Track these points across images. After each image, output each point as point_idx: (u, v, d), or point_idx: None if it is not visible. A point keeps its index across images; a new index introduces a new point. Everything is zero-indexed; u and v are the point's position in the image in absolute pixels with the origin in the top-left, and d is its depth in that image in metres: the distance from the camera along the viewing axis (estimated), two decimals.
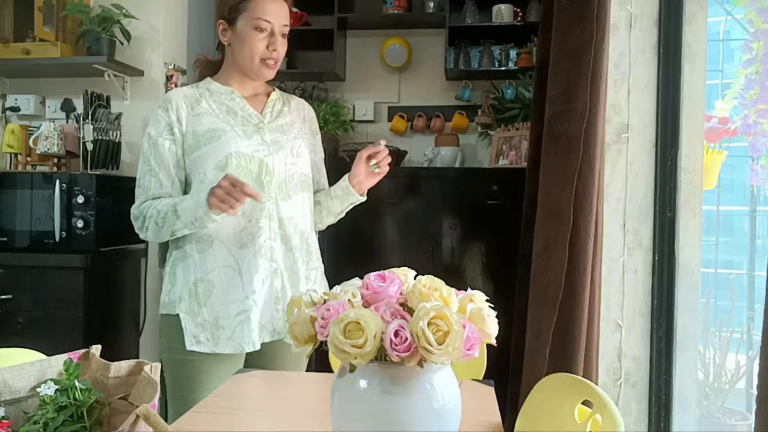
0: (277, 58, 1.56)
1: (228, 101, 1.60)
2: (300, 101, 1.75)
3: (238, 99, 1.60)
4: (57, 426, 0.77)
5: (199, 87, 1.64)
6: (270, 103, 1.65)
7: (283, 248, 1.54)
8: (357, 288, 0.82)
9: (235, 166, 1.50)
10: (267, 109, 1.63)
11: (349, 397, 0.79)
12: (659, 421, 2.07)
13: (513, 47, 3.08)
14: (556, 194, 1.89)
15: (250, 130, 1.56)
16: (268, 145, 1.56)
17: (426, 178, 2.84)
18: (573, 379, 1.03)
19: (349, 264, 2.79)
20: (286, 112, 1.67)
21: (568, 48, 1.89)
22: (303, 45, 3.24)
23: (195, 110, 1.57)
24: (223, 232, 1.51)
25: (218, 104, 1.59)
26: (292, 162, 1.58)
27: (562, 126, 1.89)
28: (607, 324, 2.09)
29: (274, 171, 1.55)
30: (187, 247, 1.54)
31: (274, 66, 1.56)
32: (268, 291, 1.52)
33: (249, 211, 1.52)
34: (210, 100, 1.60)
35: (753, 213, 2.95)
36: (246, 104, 1.60)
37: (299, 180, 1.60)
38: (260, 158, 1.53)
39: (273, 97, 1.68)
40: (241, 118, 1.58)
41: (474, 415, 1.06)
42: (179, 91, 1.62)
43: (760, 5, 2.15)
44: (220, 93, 1.62)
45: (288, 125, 1.64)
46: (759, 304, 2.79)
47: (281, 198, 1.55)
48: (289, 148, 1.59)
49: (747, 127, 2.30)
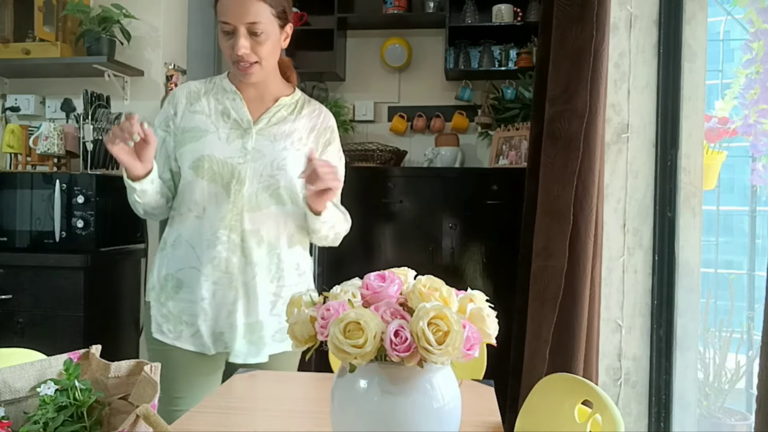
0: (246, 59, 1.44)
1: (228, 101, 1.55)
2: (317, 109, 1.64)
3: (238, 100, 1.54)
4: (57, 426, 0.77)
5: (213, 81, 1.60)
6: (274, 108, 1.56)
7: (242, 261, 1.46)
8: (357, 288, 0.82)
9: (207, 170, 1.47)
10: (266, 114, 1.55)
11: (349, 397, 0.79)
12: (659, 421, 2.07)
13: (513, 47, 3.08)
14: (556, 194, 1.89)
15: (234, 135, 1.50)
16: (247, 152, 1.49)
17: (426, 178, 2.84)
18: (573, 379, 1.03)
19: (349, 264, 2.79)
20: (290, 120, 1.56)
21: (568, 48, 1.89)
22: (303, 45, 3.24)
23: (192, 107, 1.54)
24: (192, 235, 1.49)
25: (217, 103, 1.55)
26: (270, 174, 1.49)
27: (562, 126, 1.89)
28: (607, 324, 2.09)
29: (245, 180, 1.48)
30: (168, 241, 1.54)
31: (248, 68, 1.45)
32: (220, 302, 1.46)
33: (209, 219, 1.48)
34: (213, 97, 1.56)
35: (753, 213, 2.95)
36: (243, 107, 1.54)
37: (276, 192, 1.51)
38: (234, 165, 1.48)
39: (283, 102, 1.58)
40: (232, 121, 1.52)
41: (474, 415, 1.06)
42: (187, 85, 1.60)
43: (760, 5, 2.15)
44: (225, 91, 1.57)
45: (284, 135, 1.54)
46: (759, 304, 2.79)
47: (249, 209, 1.48)
48: (271, 159, 1.50)
49: (748, 127, 2.30)
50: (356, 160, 2.94)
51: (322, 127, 1.61)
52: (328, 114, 1.65)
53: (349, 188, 2.81)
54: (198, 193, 1.49)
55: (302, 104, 1.61)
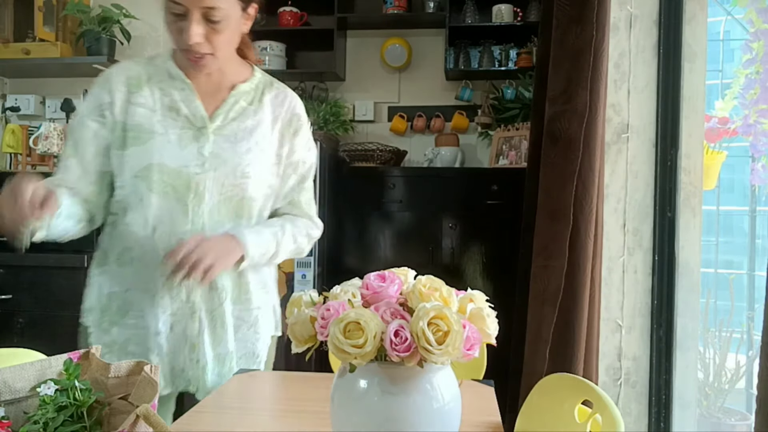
0: (198, 50, 1.17)
1: (176, 92, 1.27)
2: (281, 92, 1.37)
3: (189, 91, 1.27)
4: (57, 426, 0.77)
5: (155, 64, 1.31)
6: (231, 99, 1.29)
7: (205, 288, 1.26)
8: (357, 288, 0.82)
9: (157, 182, 1.22)
10: (222, 108, 1.28)
11: (349, 397, 0.79)
12: (659, 421, 2.07)
13: (513, 47, 3.08)
14: (556, 194, 1.89)
15: (187, 137, 1.25)
16: (205, 159, 1.25)
17: (426, 178, 2.84)
18: (573, 379, 1.03)
19: (349, 264, 2.80)
20: (250, 112, 1.31)
21: (568, 48, 1.89)
22: (303, 45, 3.24)
23: (133, 97, 1.26)
24: (143, 254, 1.26)
25: (163, 94, 1.27)
26: (233, 183, 1.26)
27: (562, 126, 1.89)
28: (607, 324, 2.09)
29: (205, 193, 1.24)
30: (110, 254, 1.30)
31: (200, 59, 1.20)
32: (180, 336, 1.26)
33: (164, 241, 1.24)
34: (156, 86, 1.28)
35: (753, 213, 2.95)
36: (196, 99, 1.27)
37: (240, 204, 1.29)
38: (190, 175, 1.23)
39: (241, 89, 1.31)
40: (183, 118, 1.26)
41: (474, 415, 1.06)
42: (123, 68, 1.30)
43: (760, 5, 2.15)
44: (171, 78, 1.29)
45: (246, 133, 1.29)
46: (759, 304, 2.79)
47: (210, 227, 1.25)
48: (233, 166, 1.26)
49: (748, 127, 2.30)
50: (356, 160, 2.94)
51: (287, 117, 1.36)
52: (293, 98, 1.39)
53: (349, 188, 2.82)
54: (147, 209, 1.24)
55: (263, 89, 1.34)
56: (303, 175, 1.40)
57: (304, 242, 1.40)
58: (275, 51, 3.14)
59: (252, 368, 1.36)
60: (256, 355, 1.37)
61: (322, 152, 2.66)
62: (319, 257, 2.65)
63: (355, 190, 2.82)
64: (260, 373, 1.38)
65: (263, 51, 3.11)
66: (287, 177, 1.37)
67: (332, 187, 2.78)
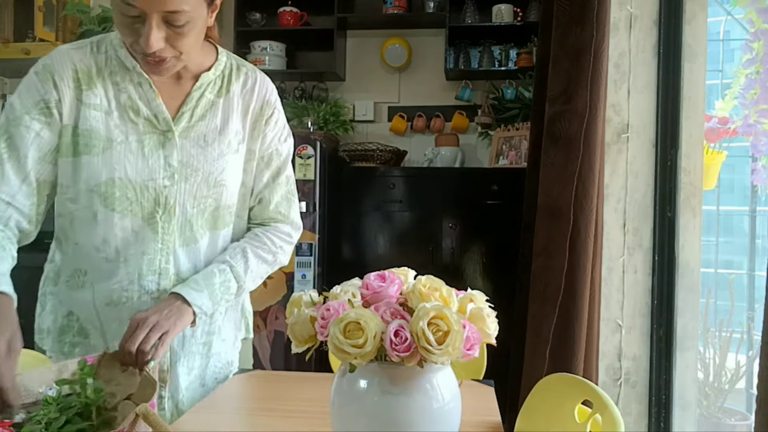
0: (159, 55, 1.00)
1: (133, 87, 1.09)
2: (250, 77, 1.20)
3: (148, 87, 1.09)
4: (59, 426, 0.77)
5: (103, 48, 1.10)
6: (195, 92, 1.12)
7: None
8: (357, 288, 0.82)
9: (119, 199, 1.07)
10: (187, 105, 1.11)
11: (349, 397, 0.79)
12: (659, 421, 2.07)
13: (513, 47, 3.08)
14: (556, 194, 1.89)
15: (151, 144, 1.08)
16: (174, 170, 1.10)
17: (426, 178, 2.84)
18: (573, 379, 1.03)
19: (349, 264, 2.80)
20: (219, 107, 1.15)
21: (568, 48, 1.89)
22: (303, 45, 3.24)
23: (84, 95, 1.06)
24: (101, 278, 1.11)
25: (117, 90, 1.08)
26: (205, 194, 1.13)
27: (562, 126, 1.89)
28: (607, 324, 2.09)
29: (175, 208, 1.10)
30: (61, 274, 1.15)
31: (160, 64, 1.02)
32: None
33: (128, 265, 1.10)
34: (109, 80, 1.08)
35: (753, 213, 2.95)
36: (157, 97, 1.09)
37: (214, 215, 1.16)
38: (158, 190, 1.09)
39: (205, 79, 1.13)
40: (143, 120, 1.08)
41: (474, 415, 1.06)
42: (67, 58, 1.07)
43: (760, 5, 2.15)
44: (126, 69, 1.09)
45: (215, 132, 1.14)
46: (759, 304, 2.79)
47: (182, 243, 1.12)
48: (205, 174, 1.12)
49: (748, 127, 2.30)
50: (356, 160, 2.94)
51: (257, 106, 1.19)
52: (264, 82, 1.22)
53: (349, 188, 2.82)
54: (107, 228, 1.08)
55: (229, 76, 1.18)
56: (277, 169, 1.24)
57: (280, 256, 1.24)
58: (275, 51, 3.14)
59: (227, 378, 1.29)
60: (229, 363, 1.29)
61: (322, 152, 2.67)
62: (319, 257, 2.65)
63: (355, 190, 2.82)
64: (260, 373, 1.38)
65: (263, 51, 3.11)
66: (260, 172, 1.22)
67: (332, 187, 2.78)
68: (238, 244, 1.19)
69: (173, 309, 1.03)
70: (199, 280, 1.10)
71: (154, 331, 0.97)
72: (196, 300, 1.06)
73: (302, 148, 2.60)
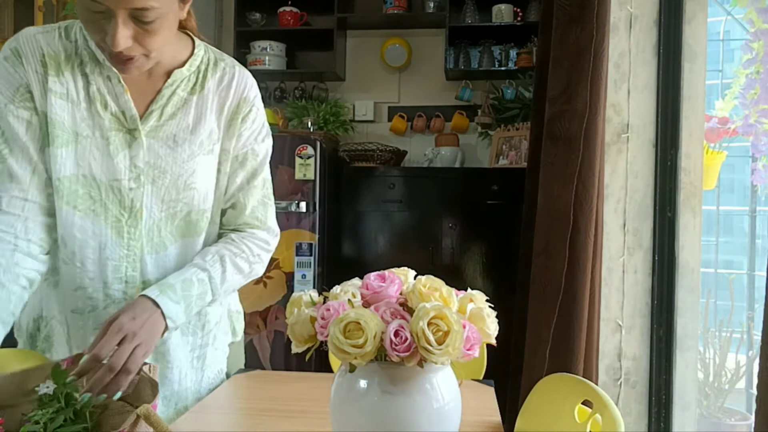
0: (127, 54, 0.92)
1: (102, 80, 1.02)
2: (227, 73, 1.11)
3: (116, 82, 1.02)
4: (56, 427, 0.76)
5: (71, 35, 1.02)
6: (166, 90, 1.05)
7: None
8: (357, 288, 0.82)
9: (82, 197, 1.01)
10: (156, 103, 1.04)
11: (349, 397, 0.79)
12: (659, 421, 2.07)
13: (513, 47, 3.08)
14: (556, 194, 1.89)
15: (117, 141, 1.02)
16: (140, 171, 1.03)
17: (426, 178, 2.84)
18: (573, 379, 1.02)
19: (349, 264, 2.80)
20: (191, 105, 1.07)
21: (568, 48, 1.89)
22: (303, 45, 3.25)
23: (52, 82, 1.00)
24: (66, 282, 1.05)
25: (86, 81, 1.02)
26: (175, 198, 1.06)
27: (562, 126, 1.88)
28: (607, 324, 2.09)
29: (142, 211, 1.04)
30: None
31: (127, 62, 0.94)
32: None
33: (92, 272, 1.03)
34: (78, 70, 1.02)
35: (753, 213, 2.95)
36: (125, 93, 1.02)
37: (185, 220, 1.08)
38: (123, 192, 1.03)
39: (178, 76, 1.06)
40: (110, 116, 1.02)
41: (474, 415, 1.06)
42: (35, 41, 1.00)
43: (760, 5, 2.15)
44: (96, 62, 1.02)
45: (186, 131, 1.06)
46: (759, 304, 2.79)
47: (150, 251, 1.05)
48: (174, 177, 1.05)
49: (748, 127, 2.30)
50: (356, 160, 2.95)
51: (234, 103, 1.11)
52: (243, 77, 1.13)
53: (349, 188, 2.82)
54: (65, 229, 1.02)
55: (205, 72, 1.09)
56: (252, 171, 1.15)
57: (257, 266, 1.16)
58: (275, 51, 3.14)
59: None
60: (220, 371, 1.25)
61: (322, 152, 2.67)
62: (319, 257, 2.65)
63: (355, 190, 2.82)
64: (260, 373, 1.38)
65: (263, 51, 3.11)
66: (234, 173, 1.14)
67: (332, 187, 2.78)
68: (216, 250, 1.10)
69: (147, 318, 0.93)
70: (176, 288, 1.00)
71: (127, 341, 0.87)
72: (171, 312, 0.97)
73: (302, 148, 2.60)
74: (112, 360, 0.84)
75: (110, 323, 0.89)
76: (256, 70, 3.12)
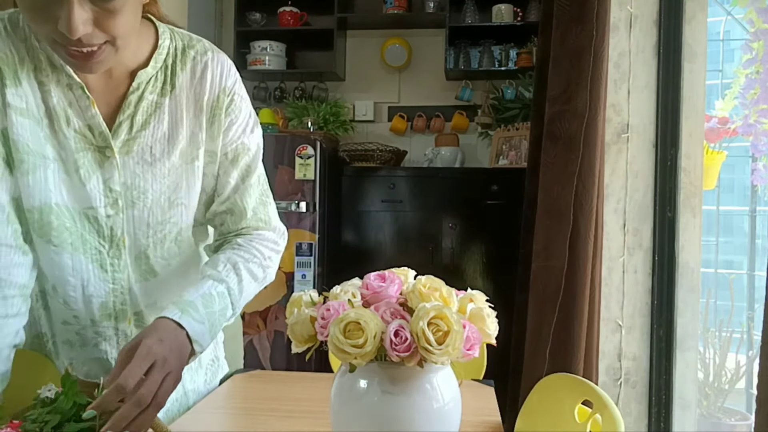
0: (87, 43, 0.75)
1: (61, 90, 0.86)
2: (198, 62, 0.94)
3: (80, 93, 0.86)
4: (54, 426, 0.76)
5: (21, 34, 0.85)
6: (131, 96, 0.89)
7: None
8: (357, 288, 0.82)
9: (57, 227, 0.87)
10: (124, 112, 0.89)
11: (349, 397, 0.79)
12: (659, 421, 2.07)
13: (513, 47, 3.08)
14: (556, 194, 1.89)
15: (87, 163, 0.87)
16: (117, 195, 0.90)
17: (426, 178, 2.84)
18: (573, 379, 1.02)
19: (349, 264, 2.80)
20: (163, 109, 0.92)
21: (568, 48, 1.89)
22: (303, 45, 3.25)
23: (9, 95, 0.83)
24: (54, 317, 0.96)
25: (44, 92, 0.85)
26: (160, 220, 0.94)
27: (562, 126, 1.88)
28: (607, 324, 2.09)
29: (125, 241, 0.92)
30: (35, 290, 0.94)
31: (89, 56, 0.77)
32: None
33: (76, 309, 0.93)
34: (35, 79, 0.85)
35: (753, 213, 2.95)
36: (91, 105, 0.87)
37: (176, 241, 0.97)
38: (100, 220, 0.90)
39: (141, 78, 0.89)
40: (74, 134, 0.87)
41: (474, 415, 1.06)
42: None
43: (760, 5, 2.15)
44: (52, 66, 0.85)
45: (162, 141, 0.92)
46: (759, 304, 2.79)
47: (138, 278, 0.95)
48: (155, 196, 0.92)
49: (748, 127, 2.30)
50: (356, 160, 2.95)
51: (212, 97, 0.95)
52: (217, 64, 0.95)
53: (349, 188, 2.82)
54: (46, 266, 0.91)
55: (173, 66, 0.93)
56: (246, 168, 1.01)
57: (270, 271, 1.06)
58: (275, 51, 3.14)
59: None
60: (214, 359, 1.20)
61: (322, 152, 2.67)
62: (319, 257, 2.65)
63: (355, 190, 2.82)
64: (260, 373, 1.38)
65: (263, 51, 3.11)
66: (225, 173, 0.99)
67: (332, 187, 2.78)
68: (226, 258, 0.97)
69: (174, 341, 0.81)
70: (198, 306, 0.87)
71: (156, 368, 0.75)
72: (197, 335, 0.85)
73: (302, 148, 2.60)
74: (141, 392, 0.72)
75: (132, 349, 0.76)
76: (256, 70, 3.12)
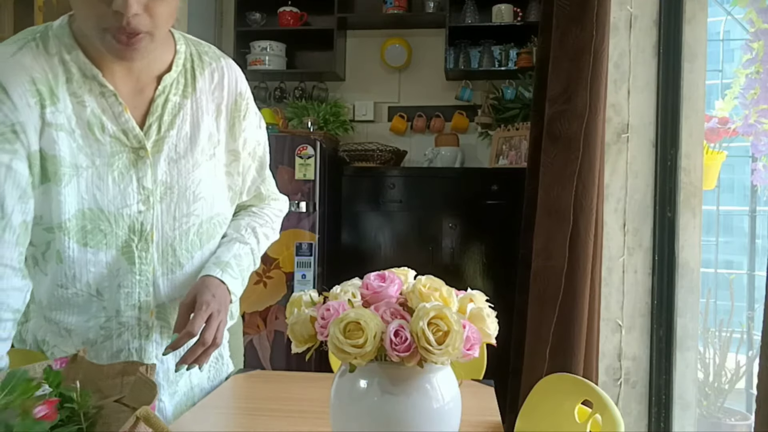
0: (136, 28, 0.83)
1: (94, 98, 0.92)
2: (216, 69, 1.04)
3: (112, 98, 0.93)
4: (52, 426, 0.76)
5: (53, 49, 0.91)
6: (158, 98, 0.97)
7: (160, 348, 1.03)
8: (357, 288, 0.82)
9: (92, 231, 0.94)
10: (152, 114, 0.97)
11: (349, 397, 0.79)
12: (659, 421, 2.07)
13: (513, 47, 3.08)
14: (556, 194, 1.89)
15: (121, 166, 0.94)
16: (148, 192, 0.97)
17: (426, 178, 2.84)
18: (573, 379, 1.02)
19: (349, 264, 2.80)
20: (186, 110, 1.00)
21: (568, 48, 1.89)
22: (303, 45, 3.24)
23: (48, 113, 0.88)
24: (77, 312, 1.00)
25: (77, 103, 0.91)
26: (186, 212, 1.01)
27: (562, 126, 1.88)
28: (607, 324, 2.09)
29: (153, 234, 0.99)
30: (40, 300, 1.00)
31: (132, 40, 0.85)
32: None
33: (103, 302, 0.99)
34: (68, 92, 0.90)
35: (753, 213, 2.95)
36: (124, 111, 0.94)
37: (198, 233, 1.05)
38: (132, 217, 0.96)
39: (166, 81, 0.98)
40: (110, 139, 0.93)
41: (474, 415, 1.06)
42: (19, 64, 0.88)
43: (760, 5, 2.15)
44: (85, 77, 0.92)
45: (186, 140, 1.00)
46: (759, 304, 2.79)
47: (164, 272, 1.02)
48: (181, 191, 1.00)
49: (748, 127, 2.30)
50: (356, 160, 2.95)
51: (230, 100, 1.06)
52: (231, 71, 1.06)
53: (349, 188, 2.82)
54: (79, 267, 0.96)
55: (192, 70, 1.02)
56: (261, 160, 1.17)
57: (276, 232, 1.23)
58: (275, 51, 3.14)
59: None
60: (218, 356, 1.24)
61: (322, 152, 2.66)
62: (319, 257, 2.65)
63: (355, 190, 2.82)
64: (260, 373, 1.38)
65: (263, 51, 3.11)
66: (247, 169, 1.14)
67: (332, 187, 2.78)
68: (246, 223, 1.15)
69: (223, 297, 1.00)
70: (233, 265, 1.05)
71: (214, 317, 0.95)
72: (235, 288, 1.05)
73: (302, 148, 2.60)
74: (204, 335, 0.93)
75: (190, 303, 0.96)
76: (256, 70, 3.12)
